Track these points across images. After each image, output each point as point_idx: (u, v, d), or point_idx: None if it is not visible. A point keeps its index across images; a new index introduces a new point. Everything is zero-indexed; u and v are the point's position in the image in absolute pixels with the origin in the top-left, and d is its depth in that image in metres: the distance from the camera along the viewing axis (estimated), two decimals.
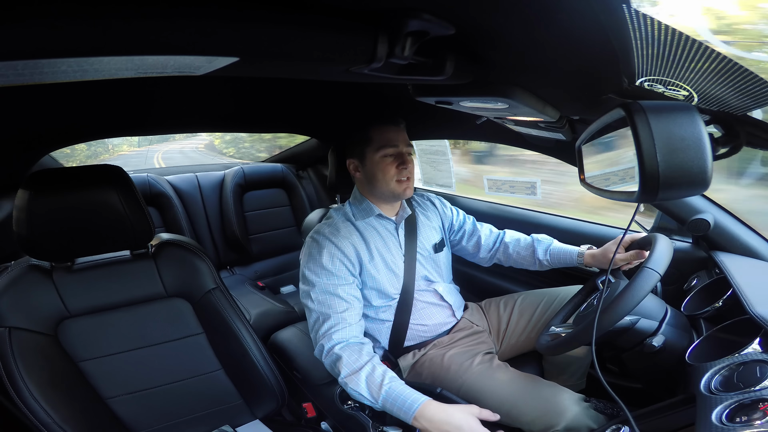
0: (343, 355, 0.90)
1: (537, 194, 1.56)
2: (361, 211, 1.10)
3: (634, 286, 0.71)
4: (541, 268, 1.22)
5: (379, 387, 0.85)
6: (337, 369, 0.90)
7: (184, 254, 0.98)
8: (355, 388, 0.87)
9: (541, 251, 1.19)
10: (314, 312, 0.98)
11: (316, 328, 0.97)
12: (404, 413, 0.82)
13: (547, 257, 1.19)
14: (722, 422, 0.53)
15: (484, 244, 1.27)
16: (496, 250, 1.28)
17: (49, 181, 0.80)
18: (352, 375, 0.88)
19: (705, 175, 0.45)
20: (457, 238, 1.29)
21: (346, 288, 0.99)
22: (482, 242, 1.27)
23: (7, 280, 0.84)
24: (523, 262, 1.25)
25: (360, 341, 0.95)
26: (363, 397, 0.87)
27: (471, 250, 1.29)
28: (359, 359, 0.90)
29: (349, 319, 0.96)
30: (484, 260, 1.31)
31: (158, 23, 0.34)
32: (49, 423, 0.80)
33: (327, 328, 0.95)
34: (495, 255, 1.29)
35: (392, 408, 0.84)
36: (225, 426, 1.05)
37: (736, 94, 0.47)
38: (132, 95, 1.00)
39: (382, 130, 1.05)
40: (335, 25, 0.45)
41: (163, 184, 1.91)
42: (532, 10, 0.43)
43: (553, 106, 0.81)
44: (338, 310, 0.96)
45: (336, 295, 0.97)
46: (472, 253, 1.31)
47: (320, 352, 0.96)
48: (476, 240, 1.28)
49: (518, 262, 1.26)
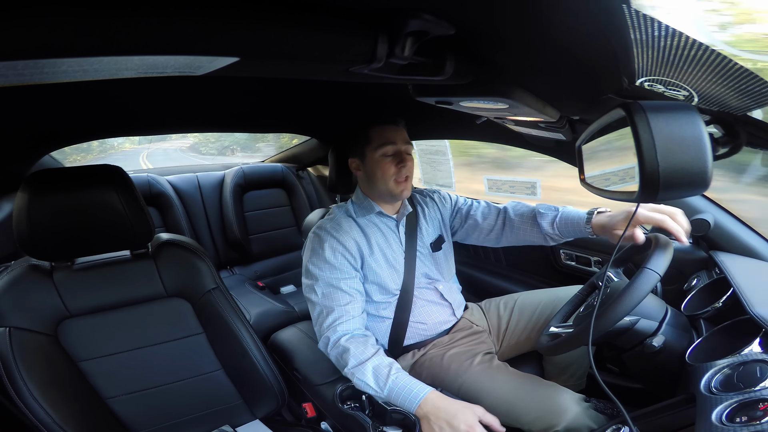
0: (350, 347, 0.93)
1: (537, 194, 1.56)
2: (362, 209, 1.12)
3: (634, 287, 0.71)
4: (554, 241, 1.10)
5: (386, 377, 0.88)
6: (344, 360, 0.92)
7: (184, 254, 0.98)
8: (362, 378, 0.90)
9: (546, 223, 1.07)
10: (318, 305, 1.00)
11: (320, 321, 0.99)
12: (409, 402, 0.85)
13: (555, 230, 1.07)
14: (722, 422, 0.53)
15: (483, 224, 1.19)
16: (501, 229, 1.18)
17: (49, 181, 0.80)
18: (360, 366, 0.91)
19: (705, 175, 0.45)
20: (455, 223, 1.25)
21: (348, 281, 1.01)
22: (480, 222, 1.20)
23: (8, 280, 0.84)
24: (531, 239, 1.13)
25: (364, 333, 0.98)
26: (369, 387, 0.89)
27: (471, 233, 1.22)
28: (366, 351, 0.92)
29: (352, 312, 0.98)
30: (491, 240, 1.21)
31: (158, 23, 0.34)
32: (49, 423, 0.80)
33: (331, 321, 0.97)
34: (501, 235, 1.18)
35: (397, 398, 0.87)
36: (225, 426, 1.05)
37: (736, 94, 0.47)
38: (132, 95, 1.00)
39: (382, 129, 1.06)
40: (335, 25, 0.45)
41: (163, 184, 1.91)
42: (532, 10, 0.43)
43: (553, 106, 0.81)
44: (341, 303, 0.99)
45: (339, 288, 1.00)
46: (474, 236, 1.23)
47: (325, 344, 0.97)
48: (473, 221, 1.21)
49: (527, 239, 1.14)
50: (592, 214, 0.99)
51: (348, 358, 0.92)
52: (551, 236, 1.08)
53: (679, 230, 0.82)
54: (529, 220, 1.11)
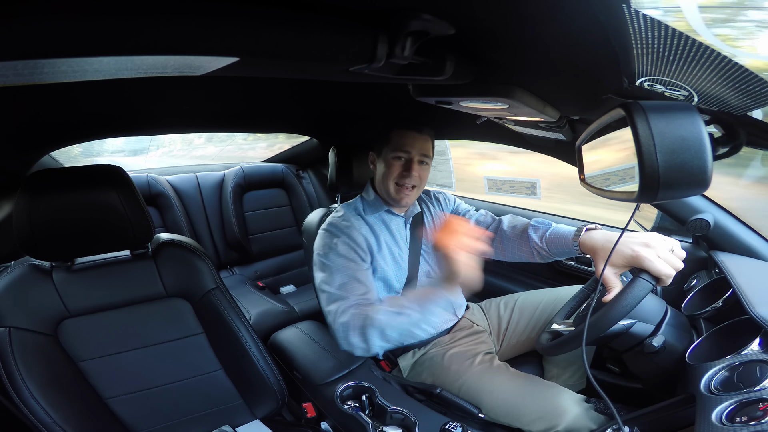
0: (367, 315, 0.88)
1: (537, 194, 1.56)
2: (370, 206, 1.13)
3: (625, 296, 0.70)
4: (542, 258, 1.05)
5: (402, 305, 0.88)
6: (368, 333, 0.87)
7: (184, 254, 0.98)
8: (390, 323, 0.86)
9: (537, 237, 1.03)
10: (333, 296, 0.96)
11: (337, 311, 0.94)
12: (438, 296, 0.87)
13: (544, 244, 1.02)
14: (722, 422, 0.53)
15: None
16: (492, 238, 1.14)
17: (49, 181, 0.80)
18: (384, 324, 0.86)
19: (705, 175, 0.45)
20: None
21: (364, 272, 1.00)
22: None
23: (8, 280, 0.84)
24: (519, 254, 1.09)
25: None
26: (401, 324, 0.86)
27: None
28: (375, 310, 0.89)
29: (371, 299, 0.95)
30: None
31: (158, 23, 0.34)
32: (49, 423, 0.80)
33: (347, 307, 0.92)
34: (492, 244, 1.13)
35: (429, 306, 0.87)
36: (225, 426, 1.05)
37: (736, 94, 0.47)
38: (132, 95, 1.00)
39: (402, 133, 1.07)
40: (335, 25, 0.45)
41: (162, 184, 1.91)
42: (532, 10, 0.43)
43: (553, 106, 0.81)
44: (358, 293, 0.95)
45: (356, 278, 0.98)
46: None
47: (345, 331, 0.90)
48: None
49: (515, 254, 1.10)
50: (580, 230, 0.93)
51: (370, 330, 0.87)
52: (539, 251, 1.03)
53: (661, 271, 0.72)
54: (520, 233, 1.08)
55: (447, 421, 0.88)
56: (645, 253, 0.74)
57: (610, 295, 0.77)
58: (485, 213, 1.21)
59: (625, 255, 0.77)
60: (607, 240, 0.85)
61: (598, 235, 0.88)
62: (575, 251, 0.93)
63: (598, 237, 0.87)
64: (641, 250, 0.75)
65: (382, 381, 1.06)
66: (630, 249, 0.76)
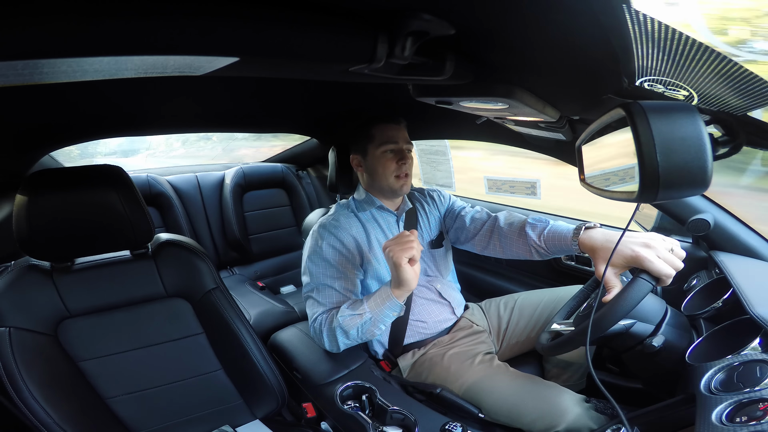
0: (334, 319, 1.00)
1: (537, 195, 1.56)
2: (362, 203, 1.14)
3: (625, 296, 0.70)
4: (539, 255, 1.03)
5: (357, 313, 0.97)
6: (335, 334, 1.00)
7: (184, 254, 0.98)
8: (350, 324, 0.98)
9: (535, 234, 1.01)
10: (313, 301, 1.06)
11: (312, 316, 1.06)
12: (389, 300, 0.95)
13: (542, 242, 1.00)
14: (722, 422, 0.53)
15: (469, 226, 1.16)
16: (487, 236, 1.13)
17: (48, 181, 0.80)
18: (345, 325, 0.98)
19: (705, 175, 0.45)
20: (447, 223, 1.24)
21: (342, 282, 1.04)
22: (467, 224, 1.16)
23: (7, 280, 0.84)
24: (517, 251, 1.06)
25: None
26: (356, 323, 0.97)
27: (459, 234, 1.19)
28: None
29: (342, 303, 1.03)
30: (476, 246, 1.16)
31: (158, 23, 0.34)
32: (49, 423, 0.80)
33: (320, 313, 1.04)
34: (488, 242, 1.13)
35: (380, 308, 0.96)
36: (225, 426, 1.05)
37: (736, 94, 0.47)
38: (132, 95, 1.00)
39: (384, 127, 1.09)
40: (335, 25, 0.45)
41: (162, 184, 1.91)
42: (532, 10, 0.43)
43: (553, 106, 0.81)
44: (333, 301, 1.03)
45: (332, 287, 1.04)
46: (461, 239, 1.19)
47: (318, 334, 1.05)
48: (461, 223, 1.17)
49: (512, 251, 1.07)
50: (579, 229, 0.91)
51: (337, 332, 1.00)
52: (537, 248, 1.01)
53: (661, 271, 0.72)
54: (517, 230, 1.06)
55: (447, 421, 0.88)
56: (645, 253, 0.74)
57: (610, 295, 0.77)
58: (481, 209, 1.20)
59: (625, 255, 0.77)
60: (607, 240, 0.84)
61: (598, 234, 0.87)
62: (575, 250, 0.93)
63: (598, 236, 0.86)
64: (641, 251, 0.75)
65: (382, 381, 1.06)
66: (630, 249, 0.76)
